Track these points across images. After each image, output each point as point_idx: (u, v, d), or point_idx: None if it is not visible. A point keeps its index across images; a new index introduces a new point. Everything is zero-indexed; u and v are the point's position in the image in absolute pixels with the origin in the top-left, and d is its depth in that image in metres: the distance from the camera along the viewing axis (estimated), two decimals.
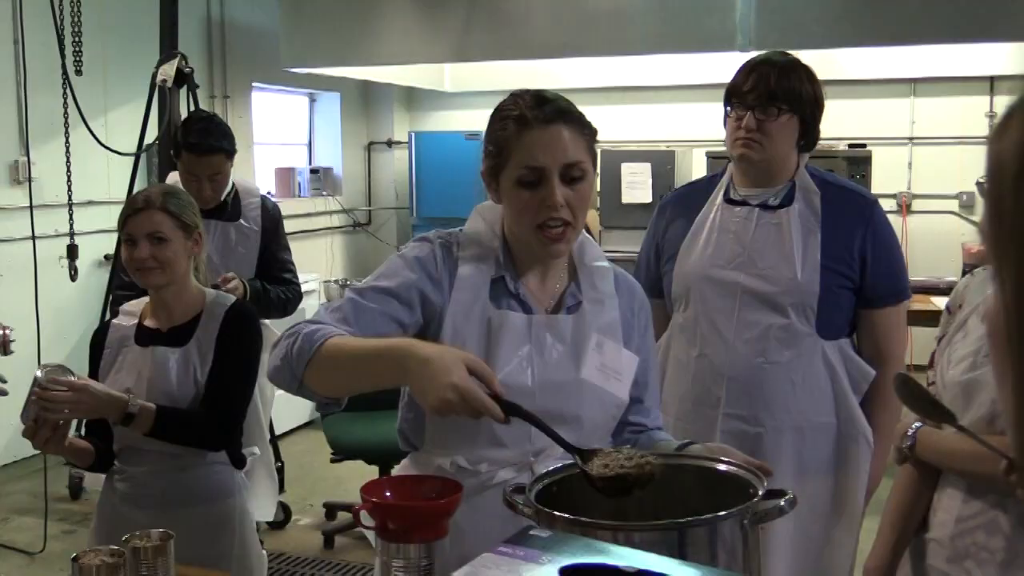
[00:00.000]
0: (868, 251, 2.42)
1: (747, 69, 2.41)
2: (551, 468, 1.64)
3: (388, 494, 1.55)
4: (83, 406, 2.30)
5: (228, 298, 2.57)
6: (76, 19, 4.55)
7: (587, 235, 1.92)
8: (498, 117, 1.79)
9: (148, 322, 2.50)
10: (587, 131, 1.78)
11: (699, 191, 2.58)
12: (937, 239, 7.37)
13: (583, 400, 1.79)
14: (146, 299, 2.55)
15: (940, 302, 1.94)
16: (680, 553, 1.37)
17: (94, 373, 2.49)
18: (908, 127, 7.58)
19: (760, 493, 1.48)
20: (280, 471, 4.70)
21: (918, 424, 1.82)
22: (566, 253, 1.83)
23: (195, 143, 3.52)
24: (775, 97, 2.35)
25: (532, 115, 1.74)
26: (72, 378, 2.29)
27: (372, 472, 4.33)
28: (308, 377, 1.65)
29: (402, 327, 1.76)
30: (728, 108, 2.43)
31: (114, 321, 2.56)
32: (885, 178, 7.28)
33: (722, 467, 1.62)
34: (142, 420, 2.33)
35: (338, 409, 1.70)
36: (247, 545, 2.51)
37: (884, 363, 2.47)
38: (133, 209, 2.44)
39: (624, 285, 1.93)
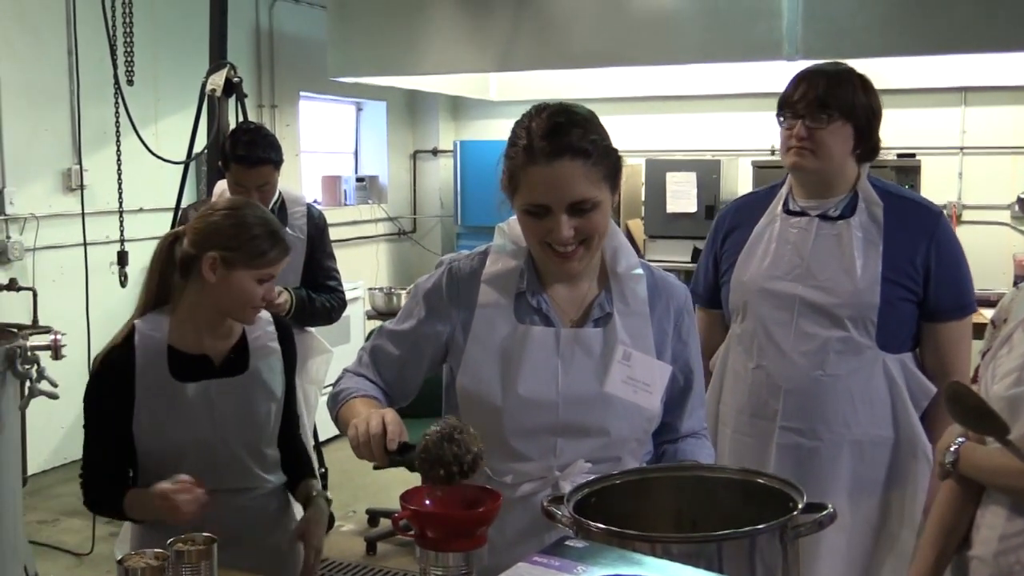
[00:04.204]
0: (932, 264, 2.37)
1: (797, 79, 2.40)
2: (590, 479, 1.64)
3: (427, 502, 1.56)
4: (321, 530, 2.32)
5: (264, 316, 2.34)
6: (128, 31, 4.63)
7: (623, 241, 1.90)
8: (512, 137, 1.75)
9: (186, 348, 2.20)
10: (603, 160, 1.72)
11: (758, 201, 2.55)
12: (988, 251, 7.24)
13: (608, 414, 1.78)
14: (162, 320, 2.21)
15: (991, 315, 1.92)
16: (718, 566, 1.36)
17: (126, 411, 2.15)
18: (959, 137, 7.47)
19: (800, 506, 1.47)
20: (324, 477, 4.74)
21: (961, 439, 1.79)
22: (581, 270, 1.81)
23: (243, 155, 3.56)
24: (825, 104, 2.33)
25: (538, 147, 1.69)
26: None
27: (414, 479, 4.34)
28: (340, 429, 1.84)
29: (423, 362, 1.90)
30: (780, 119, 2.41)
31: (139, 352, 2.17)
32: (935, 188, 7.18)
33: (761, 480, 1.61)
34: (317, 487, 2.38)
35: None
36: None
37: (948, 378, 2.37)
38: (281, 250, 2.22)
39: (662, 289, 1.89)
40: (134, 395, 2.16)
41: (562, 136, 1.68)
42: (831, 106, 2.33)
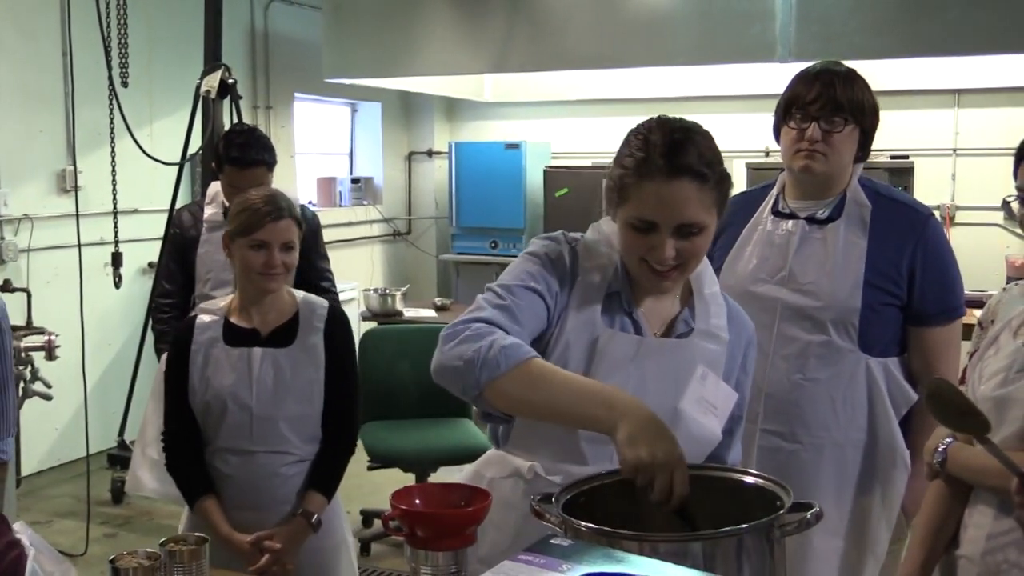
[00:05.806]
0: (917, 267, 2.34)
1: (809, 78, 2.33)
2: (579, 479, 1.64)
3: (417, 501, 1.57)
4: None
5: (320, 301, 2.59)
6: (123, 32, 4.65)
7: (708, 265, 1.87)
8: (627, 147, 1.72)
9: (238, 322, 2.49)
10: (718, 185, 1.69)
11: (751, 201, 2.52)
12: (981, 251, 7.26)
13: (675, 428, 1.70)
14: (227, 298, 2.55)
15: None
16: (705, 565, 1.37)
17: (183, 372, 2.46)
18: (952, 138, 7.50)
19: (786, 505, 1.48)
20: None
21: (949, 440, 1.81)
22: (672, 289, 1.79)
23: (237, 157, 3.58)
24: (840, 108, 2.28)
25: (657, 164, 1.65)
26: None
27: (408, 480, 4.35)
28: (493, 389, 1.63)
29: (544, 329, 1.76)
30: (786, 119, 2.35)
31: (199, 319, 2.51)
32: (928, 190, 7.20)
33: (749, 479, 1.62)
34: (319, 507, 2.48)
35: (507, 424, 1.69)
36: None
37: None
38: (270, 216, 2.43)
39: (736, 319, 1.88)
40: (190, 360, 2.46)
41: (682, 156, 1.65)
42: (846, 109, 2.28)
